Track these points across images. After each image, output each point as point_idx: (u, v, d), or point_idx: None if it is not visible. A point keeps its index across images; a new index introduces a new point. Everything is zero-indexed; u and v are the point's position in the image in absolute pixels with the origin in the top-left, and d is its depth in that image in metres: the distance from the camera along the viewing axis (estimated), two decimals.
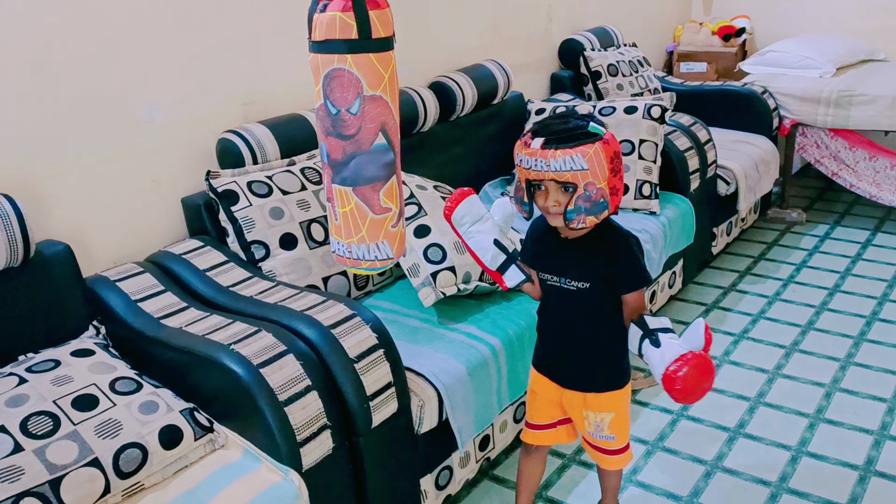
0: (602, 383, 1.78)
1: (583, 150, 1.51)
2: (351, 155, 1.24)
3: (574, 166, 1.52)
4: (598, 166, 1.53)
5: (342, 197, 1.28)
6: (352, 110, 1.21)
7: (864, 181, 4.00)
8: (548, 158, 1.53)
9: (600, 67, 3.74)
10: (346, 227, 1.30)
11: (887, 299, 3.28)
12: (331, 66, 1.20)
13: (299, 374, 1.64)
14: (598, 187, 1.54)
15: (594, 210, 1.56)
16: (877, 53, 4.53)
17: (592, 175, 1.53)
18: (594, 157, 1.52)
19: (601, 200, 1.55)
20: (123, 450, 1.53)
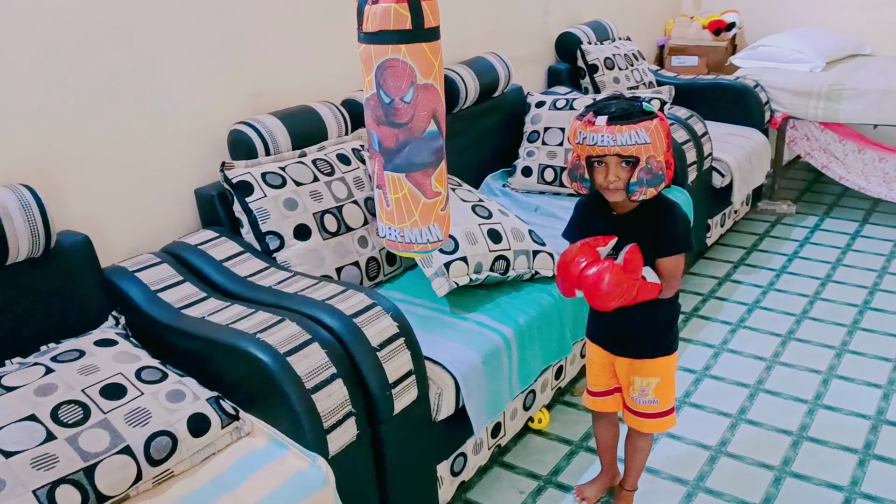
0: (651, 350, 1.89)
1: (645, 125, 1.64)
2: (404, 142, 1.28)
3: (638, 140, 1.63)
4: (658, 140, 1.65)
5: (395, 183, 1.31)
6: (406, 99, 1.25)
7: (854, 173, 4.08)
8: (614, 133, 1.64)
9: (597, 61, 3.79)
10: (399, 212, 1.33)
11: (878, 289, 3.36)
12: (384, 56, 1.23)
13: (325, 363, 1.67)
14: (657, 160, 1.66)
15: (654, 182, 1.67)
16: (863, 48, 4.62)
17: (654, 148, 1.65)
18: (655, 132, 1.65)
19: (660, 173, 1.67)
20: (154, 437, 1.55)
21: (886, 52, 4.63)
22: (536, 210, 3.00)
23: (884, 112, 3.83)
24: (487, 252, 2.26)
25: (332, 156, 2.37)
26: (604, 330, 1.96)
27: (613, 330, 1.93)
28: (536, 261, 2.36)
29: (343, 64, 2.70)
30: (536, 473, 2.32)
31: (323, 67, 2.65)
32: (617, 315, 1.82)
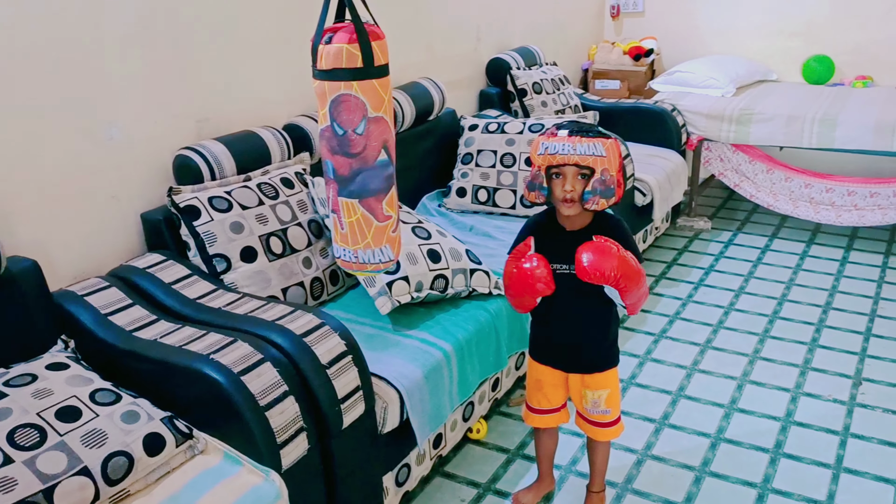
0: (603, 363, 2.05)
1: (601, 140, 1.81)
2: (357, 171, 1.39)
3: (595, 152, 1.79)
4: (613, 156, 1.81)
5: (349, 208, 1.42)
6: (358, 131, 1.36)
7: (763, 191, 4.38)
8: (574, 144, 1.80)
9: (526, 85, 3.97)
10: (353, 235, 1.44)
11: (786, 299, 3.62)
12: (337, 91, 1.34)
13: (277, 381, 1.75)
14: (611, 174, 1.81)
15: (607, 194, 1.82)
16: (770, 74, 4.96)
17: (608, 162, 1.80)
18: (610, 148, 1.81)
19: (612, 187, 1.83)
20: (110, 458, 1.59)
21: (791, 78, 4.99)
22: (471, 229, 3.13)
23: (789, 135, 4.13)
24: (427, 271, 2.38)
25: (276, 179, 2.45)
26: (556, 350, 2.08)
27: (567, 350, 2.07)
28: (473, 279, 2.49)
29: (285, 90, 2.79)
30: (476, 482, 2.43)
31: (266, 94, 2.72)
32: (573, 332, 2.00)
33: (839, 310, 3.50)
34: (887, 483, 2.37)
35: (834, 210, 4.19)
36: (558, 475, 2.43)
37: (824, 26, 4.86)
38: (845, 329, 3.33)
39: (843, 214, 4.15)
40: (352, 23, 1.33)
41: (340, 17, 1.41)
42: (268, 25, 2.70)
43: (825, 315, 3.46)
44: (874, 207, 4.07)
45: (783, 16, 4.96)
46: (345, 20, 1.39)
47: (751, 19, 5.05)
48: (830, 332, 3.30)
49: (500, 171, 3.27)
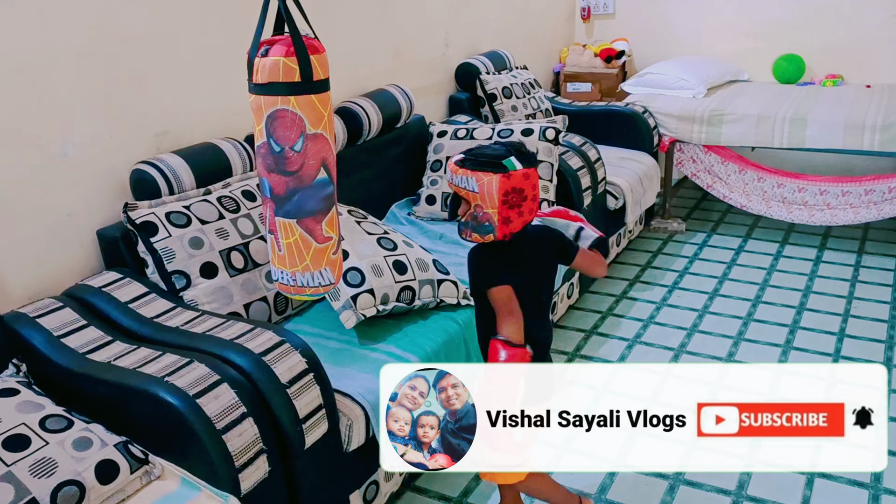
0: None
1: (478, 175, 1.74)
2: (294, 189, 1.33)
3: (466, 186, 1.75)
4: (488, 194, 1.74)
5: (286, 229, 1.37)
6: (295, 148, 1.31)
7: (736, 192, 4.38)
8: (453, 173, 1.79)
9: (495, 90, 3.94)
10: (291, 256, 1.38)
11: (760, 301, 3.61)
12: (274, 106, 1.29)
13: (234, 402, 1.70)
14: (485, 211, 1.76)
15: (478, 229, 1.79)
16: (741, 74, 4.96)
17: (481, 199, 1.75)
18: (486, 186, 1.74)
19: (486, 224, 1.77)
20: (60, 488, 1.54)
21: (761, 78, 4.99)
22: (441, 238, 3.09)
23: (760, 135, 4.13)
24: (393, 283, 2.33)
25: (238, 192, 2.40)
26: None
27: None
28: (441, 289, 2.45)
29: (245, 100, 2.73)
30: (448, 496, 2.39)
31: (226, 104, 2.67)
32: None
33: (813, 310, 3.50)
34: (861, 487, 2.35)
35: (807, 210, 4.19)
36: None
37: (794, 25, 4.87)
38: (819, 330, 3.32)
39: (816, 214, 4.15)
40: (289, 35, 1.29)
41: (279, 29, 1.36)
42: (228, 34, 2.64)
43: (799, 316, 3.45)
44: (846, 206, 4.08)
45: (753, 16, 4.96)
46: (283, 32, 1.34)
47: (721, 19, 5.05)
48: (805, 334, 3.30)
49: None
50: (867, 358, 3.08)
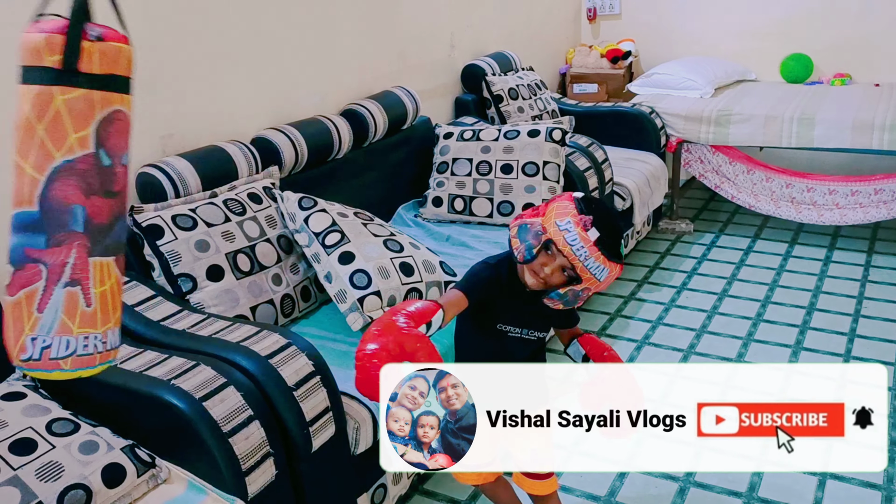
0: None
1: (611, 266, 1.63)
2: (117, 216, 1.06)
3: (598, 274, 1.62)
4: (603, 284, 1.66)
5: (102, 272, 1.04)
6: (124, 161, 1.05)
7: (744, 192, 4.35)
8: (591, 255, 1.60)
9: (502, 91, 3.93)
10: (104, 310, 1.05)
11: (769, 301, 3.59)
12: (110, 106, 1.03)
13: (241, 405, 1.69)
14: (588, 294, 1.69)
15: (569, 303, 1.70)
16: (748, 74, 4.94)
17: (595, 286, 1.65)
18: (609, 277, 1.65)
19: (577, 301, 1.70)
20: (67, 491, 1.53)
21: (769, 77, 4.97)
22: (448, 239, 3.08)
23: (768, 135, 4.11)
24: (400, 285, 2.32)
25: (244, 195, 2.39)
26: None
27: None
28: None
29: (252, 103, 2.74)
30: (456, 499, 2.38)
31: (232, 107, 2.67)
32: None
33: (823, 311, 3.47)
34: (875, 489, 2.33)
35: (816, 209, 4.17)
36: None
37: (802, 24, 4.84)
38: (830, 330, 3.30)
39: (825, 213, 4.13)
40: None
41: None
42: (233, 37, 2.65)
43: (809, 316, 3.43)
44: (855, 206, 4.06)
45: (760, 15, 4.94)
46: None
47: (728, 19, 5.03)
48: (815, 334, 3.27)
49: (476, 179, 3.22)
50: (878, 358, 3.05)
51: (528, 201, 3.16)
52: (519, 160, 3.21)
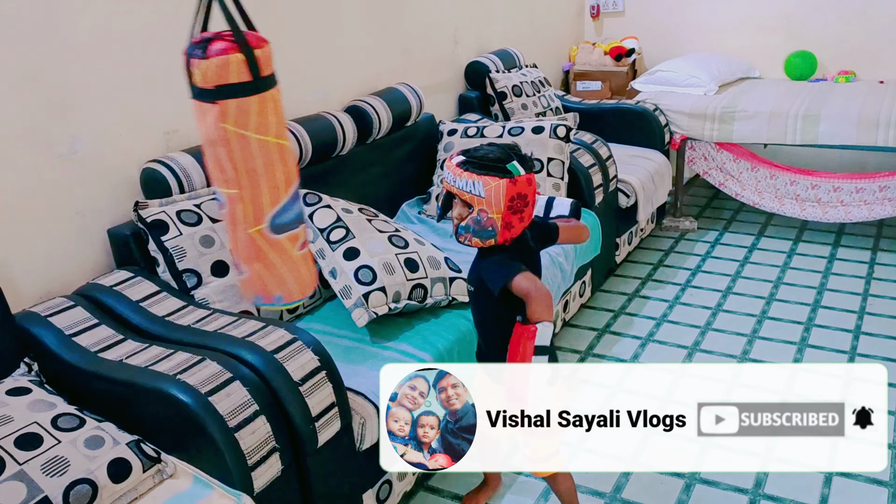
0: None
1: (486, 179, 1.69)
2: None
3: (473, 191, 1.70)
4: (495, 199, 1.70)
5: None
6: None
7: (748, 190, 4.34)
8: (456, 176, 1.73)
9: (505, 88, 3.92)
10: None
11: (774, 299, 3.58)
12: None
13: (247, 400, 1.69)
14: (489, 216, 1.71)
15: (480, 234, 1.75)
16: (752, 71, 4.93)
17: (486, 204, 1.70)
18: (493, 190, 1.69)
19: (489, 228, 1.73)
20: (73, 486, 1.53)
21: (773, 74, 4.95)
22: (452, 236, 3.06)
23: (772, 132, 4.09)
24: (405, 281, 2.32)
25: None
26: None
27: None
28: (453, 287, 2.43)
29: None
30: (460, 495, 2.37)
31: None
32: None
33: (828, 308, 3.46)
34: (881, 485, 2.32)
35: (820, 206, 4.15)
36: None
37: (806, 21, 4.83)
38: (834, 327, 3.29)
39: (830, 211, 4.11)
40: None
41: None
42: None
43: (814, 313, 3.42)
44: (860, 203, 4.04)
45: (764, 12, 4.93)
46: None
47: (732, 16, 5.02)
48: (820, 331, 3.26)
49: None
50: (883, 355, 3.04)
51: None
52: None
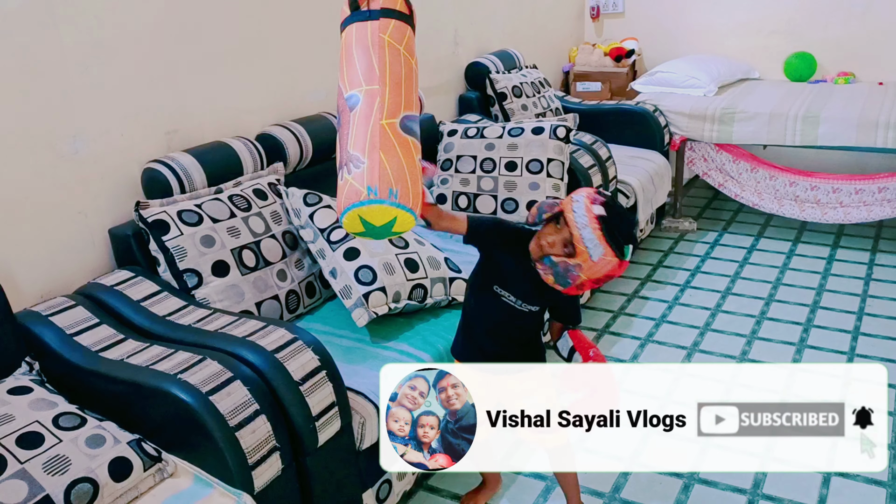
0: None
1: (607, 249, 1.70)
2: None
3: (590, 248, 1.70)
4: (598, 269, 1.72)
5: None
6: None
7: (747, 191, 4.35)
8: (589, 226, 1.70)
9: (505, 89, 3.93)
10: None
11: (773, 299, 3.58)
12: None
13: (247, 400, 1.69)
14: (579, 273, 1.73)
15: (559, 277, 1.76)
16: (752, 72, 4.94)
17: (588, 267, 1.71)
18: (603, 262, 1.71)
19: (569, 280, 1.75)
20: (74, 485, 1.54)
21: (772, 76, 4.97)
22: (452, 237, 3.08)
23: (772, 133, 4.10)
24: (405, 281, 2.32)
25: (249, 191, 2.39)
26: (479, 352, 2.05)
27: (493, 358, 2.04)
28: (453, 287, 2.44)
29: (257, 99, 2.74)
30: (460, 495, 2.38)
31: (238, 103, 2.67)
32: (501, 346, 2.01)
33: (827, 309, 3.47)
34: (879, 486, 2.33)
35: (819, 208, 4.16)
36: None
37: (805, 23, 4.84)
38: (834, 328, 3.29)
39: (829, 212, 4.12)
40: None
41: None
42: (239, 33, 2.65)
43: (813, 314, 3.42)
44: (859, 204, 4.05)
45: (764, 13, 4.94)
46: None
47: (732, 17, 5.03)
48: (819, 332, 3.27)
49: (481, 176, 3.22)
50: (882, 356, 3.05)
51: (532, 198, 3.16)
52: (523, 157, 3.21)
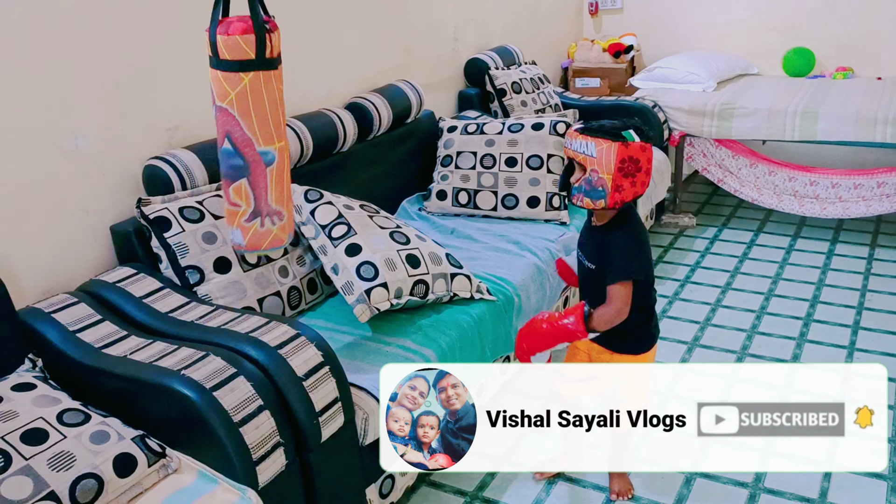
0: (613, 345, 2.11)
1: (598, 141, 1.82)
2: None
3: (586, 151, 1.83)
4: (606, 160, 1.82)
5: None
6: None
7: (747, 186, 4.36)
8: (573, 139, 1.89)
9: (505, 85, 3.93)
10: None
11: (772, 294, 3.59)
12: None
13: (251, 395, 1.70)
14: (600, 176, 1.82)
15: (591, 194, 1.85)
16: (751, 68, 4.94)
17: (598, 164, 1.82)
18: (605, 151, 1.82)
19: (600, 188, 1.83)
20: (79, 481, 1.54)
21: (771, 72, 4.97)
22: (453, 232, 3.08)
23: (771, 129, 4.11)
24: (407, 277, 2.33)
25: None
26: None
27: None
28: (454, 283, 2.44)
29: None
30: (463, 490, 2.39)
31: None
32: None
33: (827, 303, 3.48)
34: (880, 479, 2.34)
35: (818, 203, 4.17)
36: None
37: (804, 19, 4.85)
38: (833, 323, 3.30)
39: (828, 207, 4.13)
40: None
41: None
42: None
43: (813, 309, 3.43)
44: (858, 199, 4.06)
45: (763, 9, 4.94)
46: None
47: (730, 13, 5.03)
48: (819, 326, 3.28)
49: (481, 172, 3.22)
50: (881, 350, 3.06)
51: (532, 194, 3.16)
52: (523, 153, 3.21)
